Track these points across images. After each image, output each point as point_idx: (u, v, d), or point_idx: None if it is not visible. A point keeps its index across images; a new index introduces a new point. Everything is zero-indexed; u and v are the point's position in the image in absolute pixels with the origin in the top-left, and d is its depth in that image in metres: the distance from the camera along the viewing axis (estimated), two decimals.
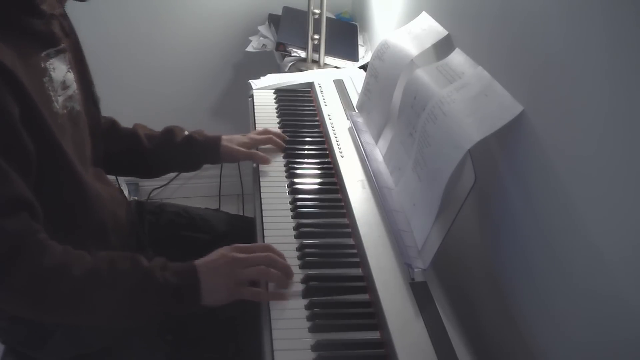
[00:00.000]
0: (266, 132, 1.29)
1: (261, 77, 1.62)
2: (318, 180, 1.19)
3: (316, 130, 1.37)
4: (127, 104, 1.29)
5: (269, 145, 1.28)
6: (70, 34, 1.04)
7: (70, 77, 1.00)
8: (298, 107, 1.48)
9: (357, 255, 0.99)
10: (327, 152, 1.28)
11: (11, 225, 0.81)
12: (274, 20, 2.00)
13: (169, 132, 1.24)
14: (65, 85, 0.98)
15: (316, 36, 1.79)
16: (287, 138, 1.30)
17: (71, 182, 0.96)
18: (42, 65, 0.92)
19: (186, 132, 1.26)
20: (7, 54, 0.84)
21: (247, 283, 0.91)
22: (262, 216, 1.08)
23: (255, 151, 1.25)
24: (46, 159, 0.90)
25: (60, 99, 0.95)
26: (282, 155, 1.27)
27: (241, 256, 0.92)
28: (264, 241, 1.00)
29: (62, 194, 0.94)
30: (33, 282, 0.83)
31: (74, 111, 1.00)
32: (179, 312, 0.90)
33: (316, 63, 1.84)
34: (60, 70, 0.97)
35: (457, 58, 1.06)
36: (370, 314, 0.88)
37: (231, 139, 1.25)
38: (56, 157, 0.92)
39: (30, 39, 0.91)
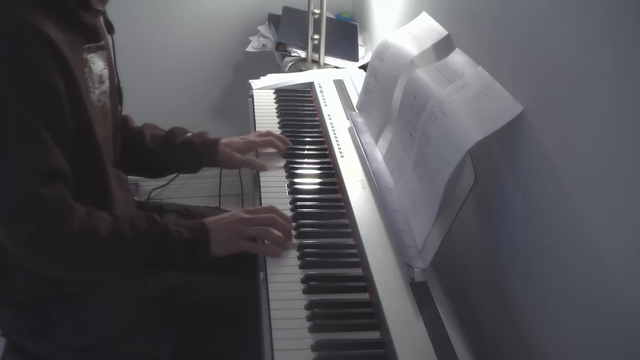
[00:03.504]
0: (267, 134, 1.27)
1: (261, 77, 1.62)
2: (318, 180, 1.19)
3: (316, 130, 1.37)
4: (126, 105, 1.29)
5: (270, 149, 1.27)
6: (110, 31, 1.09)
7: (106, 73, 1.05)
8: (298, 107, 1.48)
9: (357, 255, 0.99)
10: (327, 152, 1.28)
11: (49, 193, 0.87)
12: (274, 20, 2.01)
13: (171, 133, 1.25)
14: (101, 80, 1.03)
15: (316, 36, 1.79)
16: (290, 144, 1.28)
17: (96, 169, 1.00)
18: (84, 56, 0.98)
19: (188, 134, 1.25)
20: (58, 36, 0.89)
21: (248, 239, 0.99)
22: None
23: (253, 158, 1.24)
24: (78, 143, 0.94)
25: (97, 92, 1.01)
26: (282, 155, 1.26)
27: (247, 216, 1.00)
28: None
29: (85, 180, 0.96)
30: (65, 245, 0.90)
31: (106, 107, 1.05)
32: (191, 261, 0.97)
33: (316, 63, 1.84)
34: (98, 65, 1.02)
35: (457, 58, 1.06)
36: (370, 314, 0.88)
37: (229, 143, 1.24)
38: (88, 142, 0.97)
39: (77, 30, 0.96)
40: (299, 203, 1.10)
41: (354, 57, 1.85)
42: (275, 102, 1.49)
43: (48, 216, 0.87)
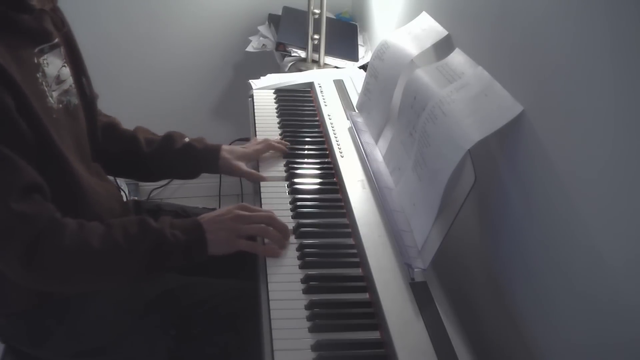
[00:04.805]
0: (265, 141, 1.27)
1: (261, 77, 1.62)
2: (318, 180, 1.19)
3: (316, 130, 1.37)
4: (127, 104, 1.29)
5: (270, 152, 1.26)
6: (62, 27, 1.04)
7: (66, 71, 1.02)
8: (298, 107, 1.48)
9: (357, 255, 0.98)
10: (327, 152, 1.28)
11: (29, 209, 0.86)
12: (274, 20, 2.01)
13: (169, 138, 1.23)
14: (59, 80, 0.99)
15: (316, 36, 1.79)
16: (289, 145, 1.28)
17: (64, 176, 0.97)
18: (35, 60, 0.94)
19: (186, 139, 1.24)
20: (0, 51, 0.86)
21: (246, 238, 0.98)
22: None
23: (253, 171, 1.23)
24: (40, 153, 0.92)
25: (55, 94, 0.97)
26: (283, 155, 1.26)
27: (244, 213, 0.99)
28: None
29: (56, 188, 0.94)
30: (58, 259, 0.88)
31: (71, 105, 1.02)
32: (188, 263, 0.96)
33: (316, 63, 1.84)
34: (54, 65, 0.98)
35: (457, 58, 1.06)
36: (370, 314, 0.88)
37: (232, 151, 1.23)
38: (49, 151, 0.94)
39: (21, 35, 0.93)
40: (299, 203, 1.10)
41: (354, 57, 1.85)
42: (275, 102, 1.49)
43: (37, 235, 0.86)
